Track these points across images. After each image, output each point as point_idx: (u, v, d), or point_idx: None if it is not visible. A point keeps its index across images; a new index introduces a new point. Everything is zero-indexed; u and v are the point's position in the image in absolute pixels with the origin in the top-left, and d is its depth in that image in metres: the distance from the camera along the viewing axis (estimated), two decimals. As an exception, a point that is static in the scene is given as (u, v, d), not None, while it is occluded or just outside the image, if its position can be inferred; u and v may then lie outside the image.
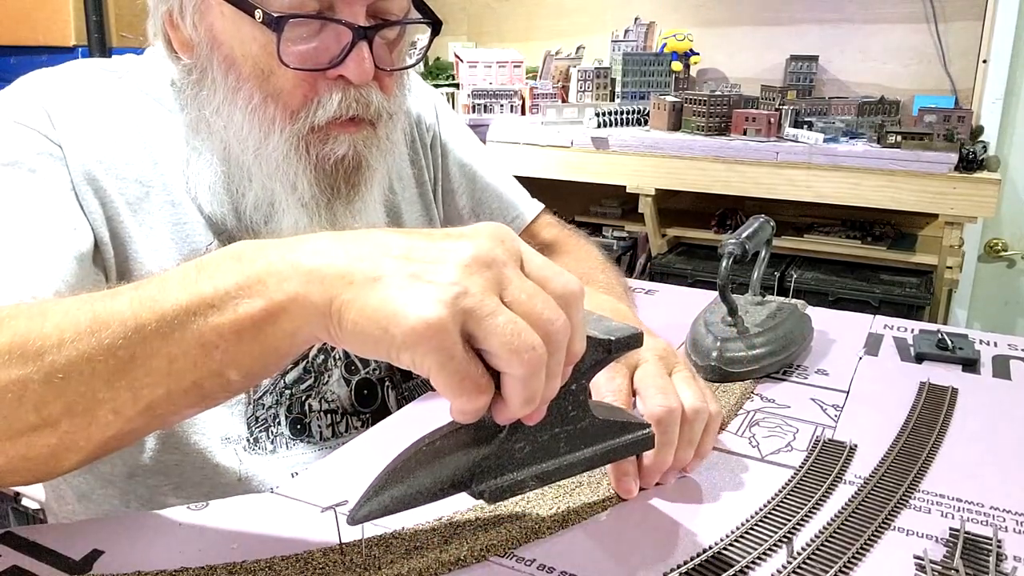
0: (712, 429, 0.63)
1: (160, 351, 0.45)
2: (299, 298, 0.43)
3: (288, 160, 0.70)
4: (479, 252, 0.42)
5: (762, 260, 0.94)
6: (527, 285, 0.43)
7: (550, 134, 2.28)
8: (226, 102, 0.70)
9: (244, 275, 0.45)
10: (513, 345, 0.41)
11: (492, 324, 0.41)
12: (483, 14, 2.92)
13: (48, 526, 0.55)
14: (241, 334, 0.45)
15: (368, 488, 0.46)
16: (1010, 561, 0.53)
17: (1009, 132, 2.26)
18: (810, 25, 2.47)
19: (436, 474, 0.47)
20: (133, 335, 0.45)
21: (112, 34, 2.18)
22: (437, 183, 0.97)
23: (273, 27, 0.65)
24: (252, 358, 0.46)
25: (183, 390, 0.47)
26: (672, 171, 2.16)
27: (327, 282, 0.43)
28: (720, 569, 0.51)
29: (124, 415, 0.47)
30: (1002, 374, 0.87)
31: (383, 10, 0.69)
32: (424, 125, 0.95)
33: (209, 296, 0.45)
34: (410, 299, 0.41)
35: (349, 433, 0.84)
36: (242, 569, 0.50)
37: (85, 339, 0.46)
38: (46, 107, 0.71)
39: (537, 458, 0.51)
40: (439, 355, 0.41)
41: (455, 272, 0.41)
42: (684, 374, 0.64)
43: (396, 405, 0.87)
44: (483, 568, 0.51)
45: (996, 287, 2.39)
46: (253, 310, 0.44)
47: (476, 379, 0.42)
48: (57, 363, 0.46)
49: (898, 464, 0.66)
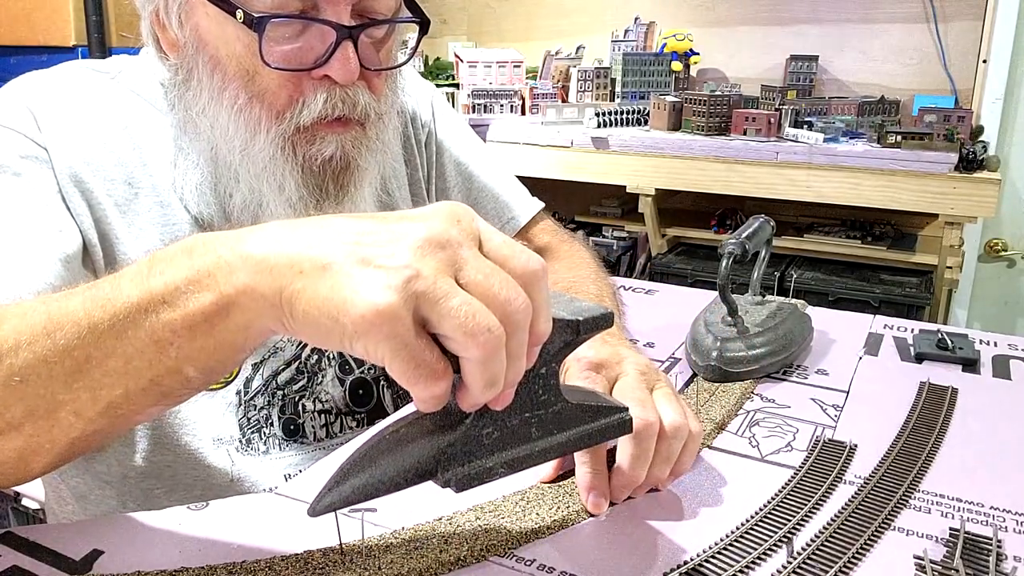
0: (691, 448, 0.61)
1: (115, 350, 0.45)
2: (248, 290, 0.42)
3: (275, 161, 0.69)
4: (432, 233, 0.41)
5: (762, 260, 0.94)
6: (483, 264, 0.42)
7: (550, 134, 2.28)
8: (212, 102, 0.69)
9: (194, 269, 0.44)
10: (468, 327, 0.39)
11: (446, 307, 0.39)
12: (483, 14, 2.92)
13: (48, 526, 0.55)
14: (194, 329, 0.44)
15: (330, 479, 0.45)
16: (1010, 561, 0.53)
17: (1009, 132, 2.26)
18: (810, 25, 2.46)
19: (399, 463, 0.46)
20: (87, 335, 0.45)
21: (112, 34, 2.18)
22: (431, 181, 0.96)
23: (254, 27, 0.65)
24: (207, 353, 0.45)
25: (141, 389, 0.46)
26: (672, 171, 2.16)
27: (276, 272, 0.42)
28: (720, 569, 0.51)
29: (85, 416, 0.47)
30: (1002, 374, 0.87)
31: (369, 9, 0.69)
32: (419, 122, 0.95)
33: (160, 292, 0.44)
34: (359, 285, 0.39)
35: (344, 433, 0.83)
36: (242, 569, 0.50)
37: (40, 341, 0.46)
38: (32, 109, 0.70)
39: (507, 444, 0.49)
40: (392, 342, 0.39)
41: (407, 255, 0.40)
42: (665, 390, 0.62)
43: (392, 404, 0.87)
44: (483, 568, 0.51)
45: (996, 287, 2.39)
46: (204, 304, 0.43)
47: (432, 365, 0.40)
48: (15, 366, 0.46)
49: (898, 464, 0.66)
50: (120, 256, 0.72)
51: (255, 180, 0.71)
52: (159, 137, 0.75)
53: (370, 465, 0.45)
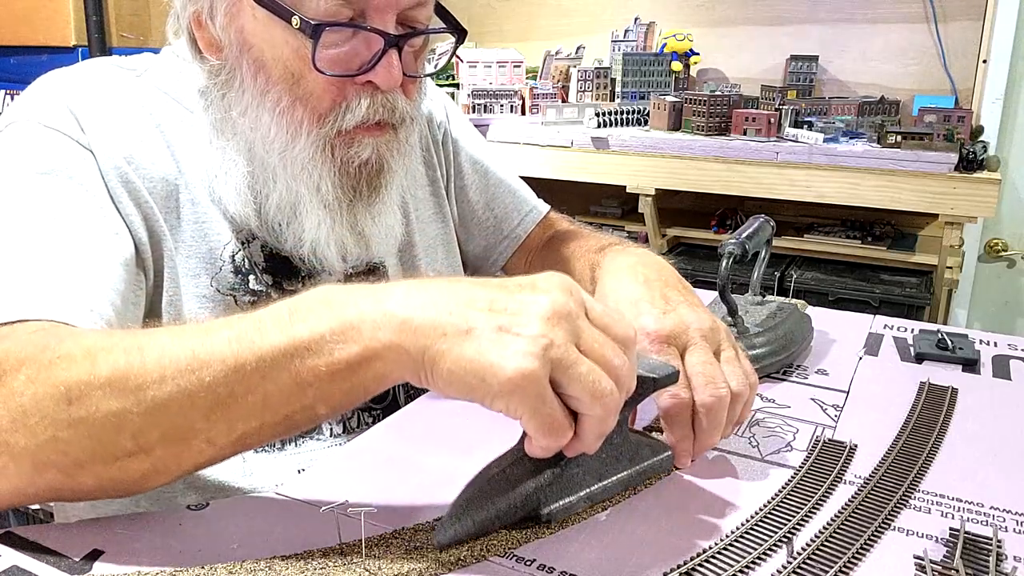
0: (750, 400, 0.66)
1: (258, 388, 0.49)
2: (394, 346, 0.47)
3: (314, 162, 0.71)
4: (556, 305, 0.48)
5: (762, 260, 0.94)
6: (596, 334, 0.49)
7: (550, 134, 2.28)
8: (254, 104, 0.71)
9: (338, 320, 0.48)
10: (594, 391, 0.47)
11: (576, 372, 0.47)
12: (483, 14, 2.92)
13: (48, 526, 0.55)
14: (335, 375, 0.48)
15: (450, 512, 0.52)
16: (1010, 561, 0.53)
17: (1009, 132, 2.26)
18: (810, 25, 2.46)
19: (511, 500, 0.53)
20: (232, 374, 0.48)
21: (112, 34, 2.18)
22: (450, 180, 0.98)
23: (310, 34, 0.66)
24: (342, 394, 0.50)
25: (275, 422, 0.50)
26: (672, 171, 2.15)
27: (420, 332, 0.47)
28: (720, 569, 0.51)
29: (218, 444, 0.51)
30: (1002, 374, 0.87)
31: (411, 19, 0.71)
32: (435, 123, 0.97)
33: (306, 340, 0.48)
34: (504, 352, 0.45)
35: (360, 428, 0.84)
36: (242, 569, 0.49)
37: (186, 376, 0.49)
38: (72, 109, 0.71)
39: (588, 482, 0.58)
40: (533, 402, 0.46)
41: (539, 325, 0.46)
42: (729, 354, 0.66)
43: (405, 402, 0.88)
44: (483, 568, 0.51)
45: (996, 287, 2.39)
46: (350, 355, 0.48)
47: (561, 421, 0.48)
48: (158, 398, 0.49)
49: (898, 464, 0.66)
50: (166, 253, 0.73)
51: (292, 180, 0.73)
52: (189, 135, 0.76)
53: (487, 503, 0.53)
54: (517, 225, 1.01)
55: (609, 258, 0.82)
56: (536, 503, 0.55)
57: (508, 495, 0.53)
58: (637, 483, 0.62)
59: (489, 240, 1.02)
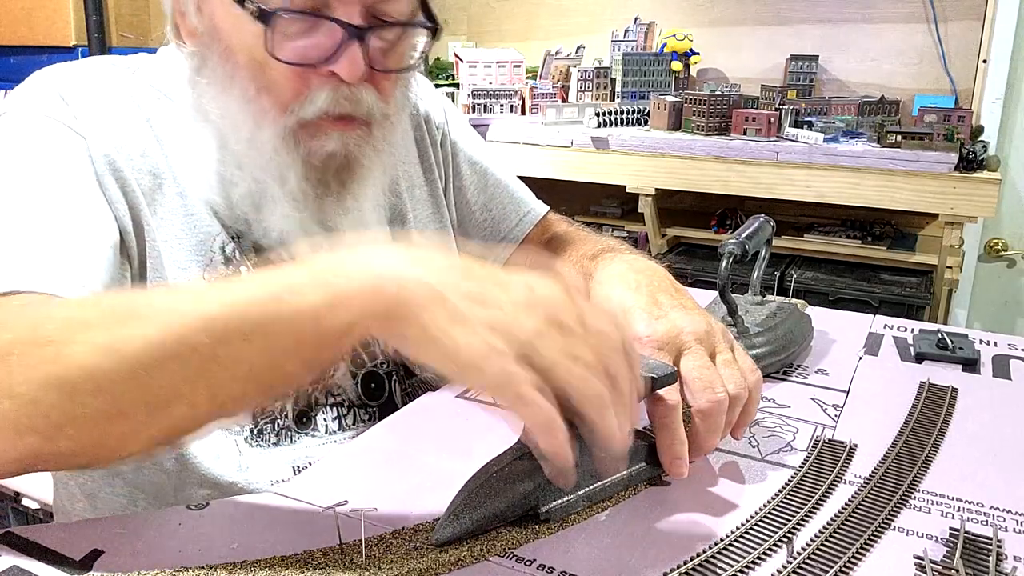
0: (753, 400, 0.65)
1: (234, 341, 0.49)
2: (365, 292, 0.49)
3: (279, 153, 0.71)
4: (547, 301, 0.49)
5: (762, 260, 0.94)
6: (590, 337, 0.49)
7: (550, 134, 2.28)
8: (223, 91, 0.71)
9: (313, 272, 0.50)
10: (583, 389, 0.48)
11: (562, 370, 0.48)
12: (483, 14, 2.92)
13: (48, 526, 0.55)
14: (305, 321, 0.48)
15: (448, 511, 0.53)
16: (1010, 561, 0.53)
17: (1009, 132, 2.26)
18: (810, 25, 2.46)
19: (509, 499, 0.54)
20: (209, 324, 0.49)
21: (112, 34, 2.18)
22: (448, 180, 0.98)
23: (260, 18, 0.66)
24: (313, 345, 0.49)
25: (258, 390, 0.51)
26: (672, 171, 2.16)
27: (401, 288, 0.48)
28: (720, 569, 0.51)
29: (200, 409, 0.51)
30: (1002, 374, 0.87)
31: (381, 11, 0.69)
32: (433, 124, 0.96)
33: (282, 287, 0.49)
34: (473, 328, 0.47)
35: (356, 426, 0.84)
36: (242, 569, 0.49)
37: (164, 333, 0.49)
38: (64, 97, 0.72)
39: (587, 481, 0.58)
40: (497, 378, 0.47)
41: (523, 313, 0.48)
42: (726, 356, 0.66)
43: (401, 400, 0.88)
44: (483, 568, 0.51)
45: (996, 287, 2.39)
46: (317, 299, 0.48)
47: (549, 415, 0.48)
48: (142, 360, 0.49)
49: (898, 464, 0.66)
50: (150, 243, 0.73)
51: (259, 171, 0.72)
52: (179, 130, 0.76)
53: (486, 500, 0.53)
54: (515, 226, 1.01)
55: (601, 266, 0.81)
56: (535, 501, 0.55)
57: (507, 493, 0.53)
58: (637, 483, 0.62)
59: (487, 241, 1.02)
